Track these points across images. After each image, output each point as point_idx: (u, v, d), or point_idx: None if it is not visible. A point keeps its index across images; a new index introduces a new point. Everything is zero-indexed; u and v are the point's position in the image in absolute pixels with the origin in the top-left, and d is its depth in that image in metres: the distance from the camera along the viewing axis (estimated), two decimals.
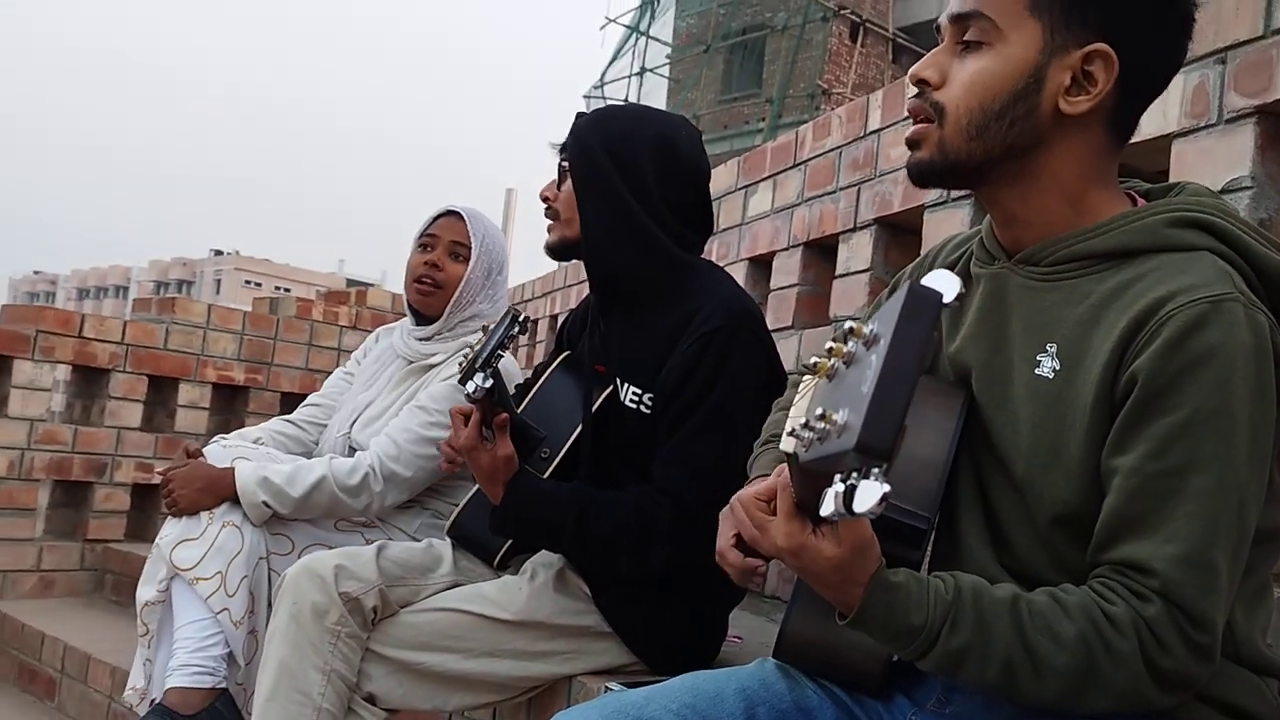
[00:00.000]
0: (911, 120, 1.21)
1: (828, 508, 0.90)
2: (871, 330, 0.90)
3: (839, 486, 0.88)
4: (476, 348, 1.83)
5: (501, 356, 1.83)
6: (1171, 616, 1.02)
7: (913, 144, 1.21)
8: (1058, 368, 1.14)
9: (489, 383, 1.79)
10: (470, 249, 2.54)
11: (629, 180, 1.94)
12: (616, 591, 1.93)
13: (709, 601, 1.98)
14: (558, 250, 2.07)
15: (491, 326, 1.87)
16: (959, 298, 0.97)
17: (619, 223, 1.93)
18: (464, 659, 1.92)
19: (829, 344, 0.94)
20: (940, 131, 1.17)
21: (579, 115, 2.07)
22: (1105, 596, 1.05)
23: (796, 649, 1.26)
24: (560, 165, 2.05)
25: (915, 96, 1.20)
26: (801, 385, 1.09)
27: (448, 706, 1.95)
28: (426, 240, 2.57)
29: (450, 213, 2.58)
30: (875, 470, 0.86)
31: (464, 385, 1.79)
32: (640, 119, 2.05)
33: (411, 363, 2.60)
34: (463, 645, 1.92)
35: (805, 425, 0.92)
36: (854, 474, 0.87)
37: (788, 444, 0.96)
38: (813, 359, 0.96)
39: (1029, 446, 1.15)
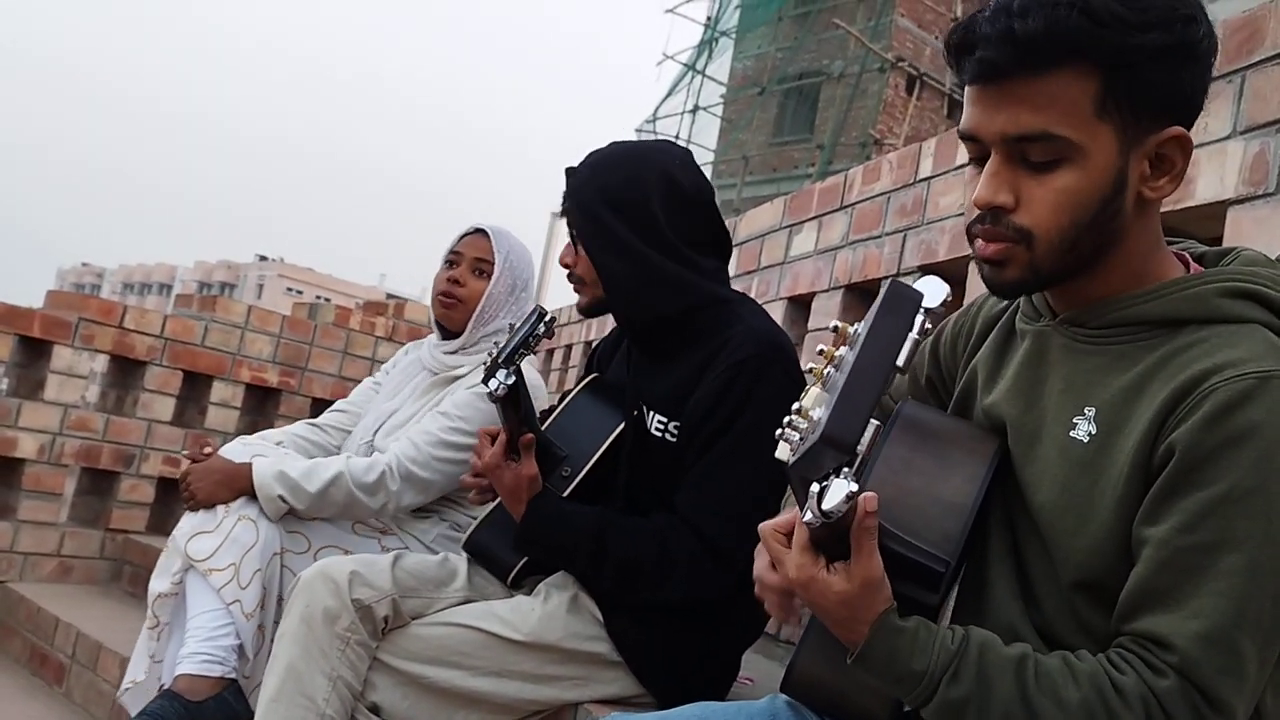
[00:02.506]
0: (983, 241, 1.14)
1: (808, 514, 0.92)
2: (855, 331, 0.91)
3: (814, 489, 0.91)
4: (500, 345, 1.82)
5: (525, 355, 1.83)
6: (1186, 695, 0.99)
7: (996, 263, 1.13)
8: (1094, 432, 1.12)
9: (511, 379, 1.78)
10: (494, 265, 2.58)
11: (638, 228, 1.91)
12: (629, 620, 1.91)
13: (723, 638, 1.96)
14: (591, 311, 2.07)
15: (517, 324, 1.86)
16: (944, 304, 0.97)
17: (640, 274, 1.92)
18: (470, 676, 1.90)
19: (819, 348, 0.95)
20: (1030, 253, 1.11)
21: (569, 172, 2.02)
22: (1117, 666, 1.03)
23: (804, 685, 1.24)
24: (572, 231, 2.03)
25: (988, 222, 1.12)
26: (803, 395, 1.08)
27: None
28: (452, 257, 2.63)
29: (476, 230, 2.64)
30: (846, 469, 0.86)
31: (486, 384, 1.78)
32: (634, 158, 1.99)
33: (436, 374, 2.63)
34: (470, 662, 1.90)
35: (790, 425, 0.93)
36: (830, 475, 0.88)
37: (782, 451, 0.96)
38: (808, 365, 0.97)
39: (1055, 508, 1.14)
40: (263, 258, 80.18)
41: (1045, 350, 1.20)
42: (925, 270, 2.67)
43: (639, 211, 1.92)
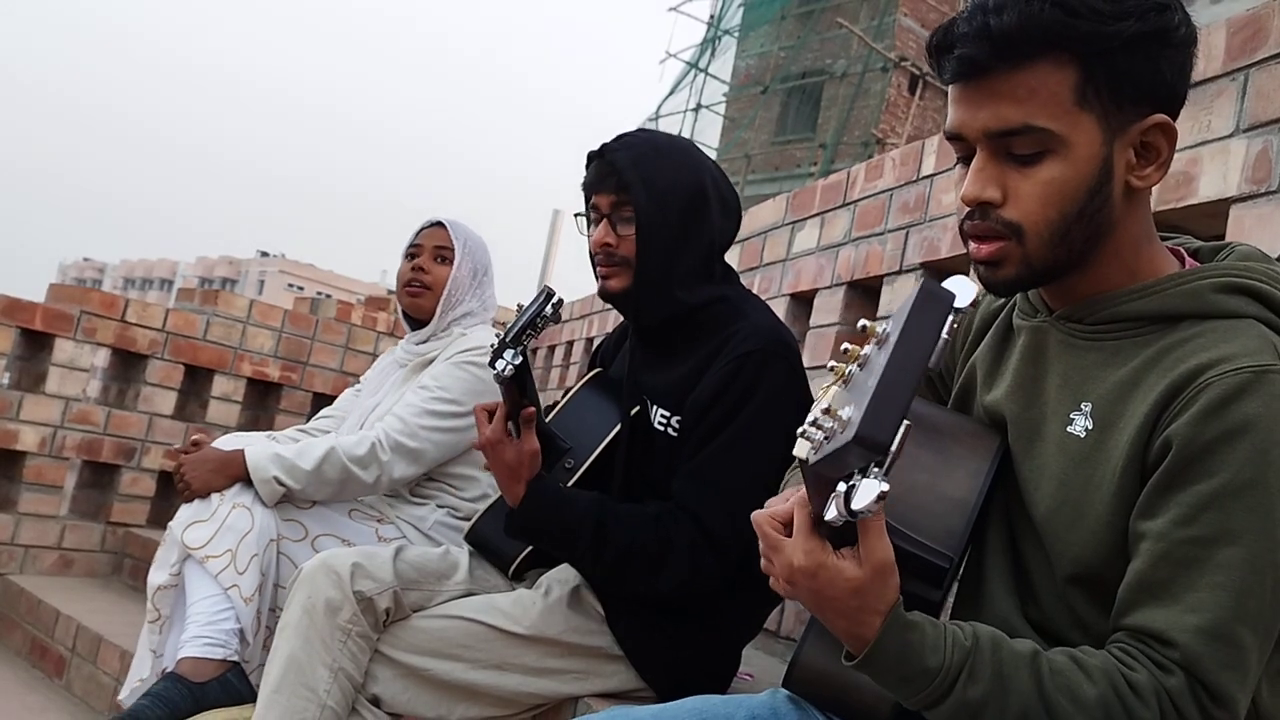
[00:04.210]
0: (976, 242, 1.15)
1: (830, 512, 0.89)
2: (884, 330, 0.90)
3: (841, 488, 0.88)
4: (508, 325, 1.81)
5: (534, 335, 1.80)
6: (1192, 690, 0.99)
7: (992, 264, 1.14)
8: (1090, 427, 1.12)
9: (519, 359, 1.75)
10: (454, 251, 2.67)
11: (696, 229, 1.92)
12: (631, 614, 1.91)
13: (724, 633, 1.96)
14: (620, 299, 1.96)
15: (525, 305, 1.84)
16: (974, 304, 0.97)
17: (673, 274, 1.91)
18: (471, 669, 1.90)
19: (844, 346, 0.93)
20: (1022, 249, 1.12)
21: (606, 149, 1.94)
22: (1127, 663, 1.02)
23: (807, 680, 1.23)
24: (612, 209, 1.92)
25: (977, 218, 1.13)
26: (820, 393, 1.07)
27: (451, 717, 1.93)
28: (413, 250, 2.72)
29: (434, 223, 2.73)
30: (876, 468, 0.85)
31: (494, 365, 1.76)
32: (692, 155, 1.99)
33: (409, 364, 2.70)
34: (471, 655, 1.90)
35: (814, 424, 0.91)
36: (856, 474, 0.86)
37: (800, 448, 0.95)
38: (830, 363, 0.96)
39: (1052, 502, 1.14)
40: (264, 254, 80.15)
41: (1042, 346, 1.21)
42: (927, 267, 2.67)
43: (702, 211, 1.92)
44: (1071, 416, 1.14)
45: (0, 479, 4.04)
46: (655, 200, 1.89)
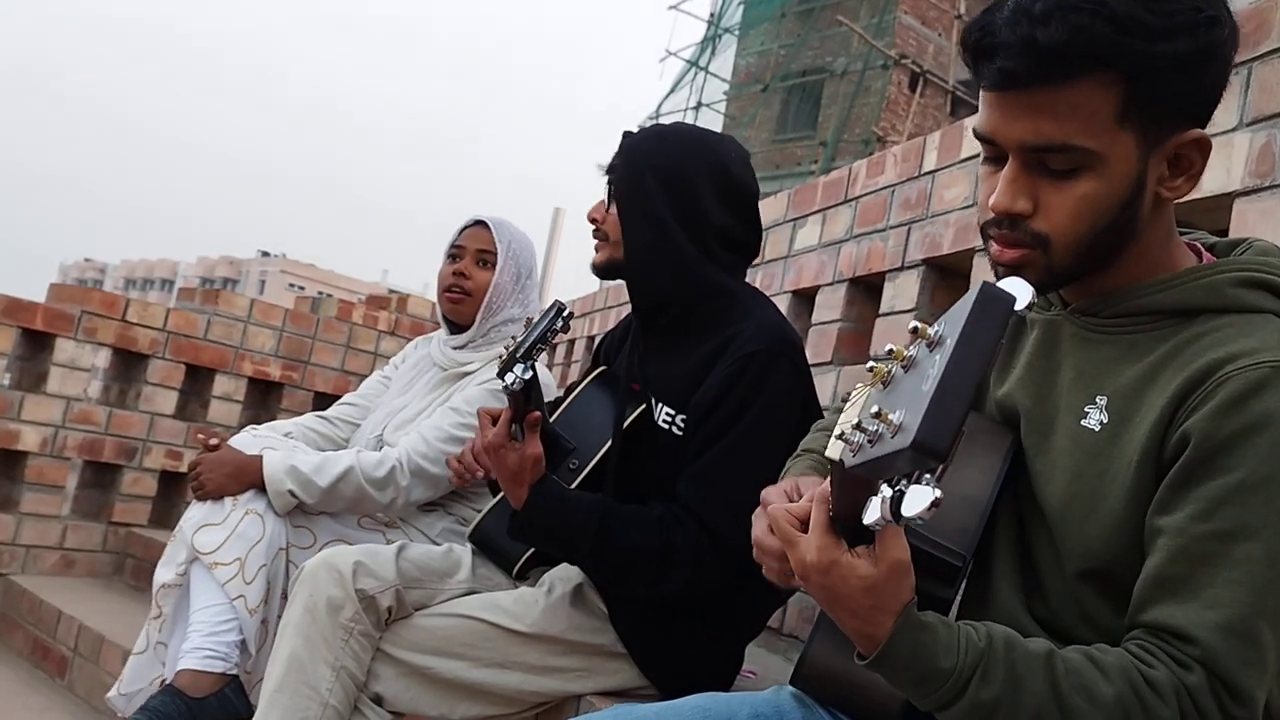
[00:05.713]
0: (999, 245, 1.13)
1: (871, 515, 0.86)
2: (937, 332, 0.86)
3: (886, 492, 0.84)
4: (519, 339, 1.81)
5: (544, 349, 1.81)
6: (1212, 687, 0.98)
7: (1013, 268, 1.12)
8: (1105, 421, 1.11)
9: (529, 374, 1.76)
10: (497, 255, 2.58)
11: (678, 207, 1.92)
12: (634, 612, 1.91)
13: (727, 630, 1.96)
14: (604, 271, 2.08)
15: (535, 319, 1.85)
16: (1028, 307, 0.94)
17: (662, 249, 1.92)
18: (474, 667, 1.90)
19: (889, 347, 0.90)
20: (1046, 258, 1.10)
21: (626, 135, 2.03)
22: (1145, 660, 1.00)
23: (816, 677, 1.22)
24: (609, 187, 2.03)
25: (1005, 227, 1.11)
26: (852, 394, 1.06)
27: (454, 716, 1.92)
28: (455, 251, 2.63)
29: (477, 222, 2.64)
30: (927, 475, 0.82)
31: (502, 377, 1.76)
32: (694, 143, 2.00)
33: (446, 370, 2.62)
34: (474, 654, 1.90)
35: (857, 427, 0.86)
36: (903, 479, 0.83)
37: (834, 449, 0.91)
38: (870, 363, 0.93)
39: (1064, 496, 1.13)
40: (265, 253, 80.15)
41: (1056, 340, 1.20)
42: (928, 263, 2.67)
43: (683, 190, 1.93)
44: (1085, 410, 1.13)
45: (2, 479, 4.04)
46: (629, 176, 1.96)
